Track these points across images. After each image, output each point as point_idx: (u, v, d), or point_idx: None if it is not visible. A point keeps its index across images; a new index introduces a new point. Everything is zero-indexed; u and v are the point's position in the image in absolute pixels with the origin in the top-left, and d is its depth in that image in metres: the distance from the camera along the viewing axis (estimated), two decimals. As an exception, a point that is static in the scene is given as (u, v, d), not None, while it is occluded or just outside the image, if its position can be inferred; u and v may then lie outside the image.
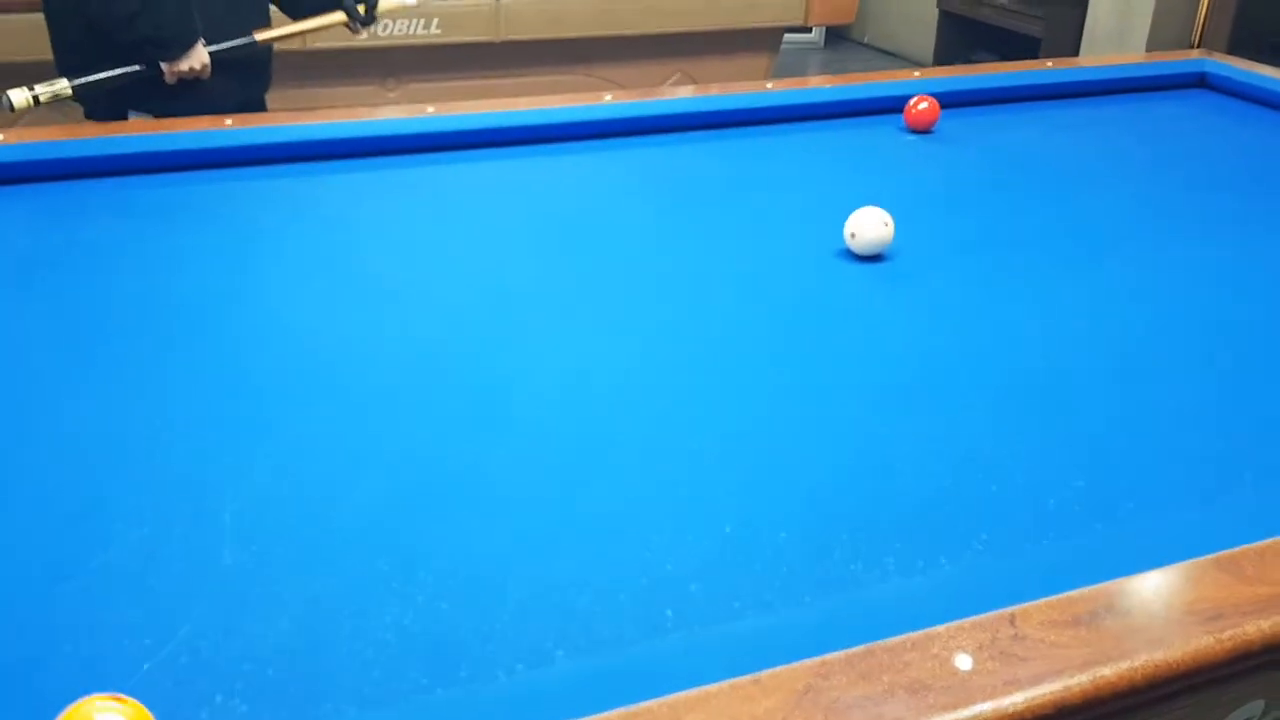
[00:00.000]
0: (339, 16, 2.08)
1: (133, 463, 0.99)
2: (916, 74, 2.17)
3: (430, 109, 1.87)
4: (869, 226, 1.40)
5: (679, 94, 2.03)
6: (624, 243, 1.51)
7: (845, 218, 1.43)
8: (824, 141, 1.91)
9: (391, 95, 3.11)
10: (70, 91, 1.84)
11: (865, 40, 6.76)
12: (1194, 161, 1.94)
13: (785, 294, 1.36)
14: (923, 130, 1.90)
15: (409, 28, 3.03)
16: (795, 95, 1.99)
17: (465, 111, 1.87)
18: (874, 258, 1.42)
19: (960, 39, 5.45)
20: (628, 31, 3.28)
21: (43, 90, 1.81)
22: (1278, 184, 1.83)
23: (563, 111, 1.89)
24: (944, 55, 5.50)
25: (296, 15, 2.11)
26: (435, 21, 3.06)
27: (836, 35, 6.66)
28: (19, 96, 1.79)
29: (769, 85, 2.08)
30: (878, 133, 1.95)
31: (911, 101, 1.91)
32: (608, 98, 1.97)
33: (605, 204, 1.65)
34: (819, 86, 2.05)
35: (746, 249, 1.49)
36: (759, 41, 3.51)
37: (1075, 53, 4.94)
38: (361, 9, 2.08)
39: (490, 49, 3.18)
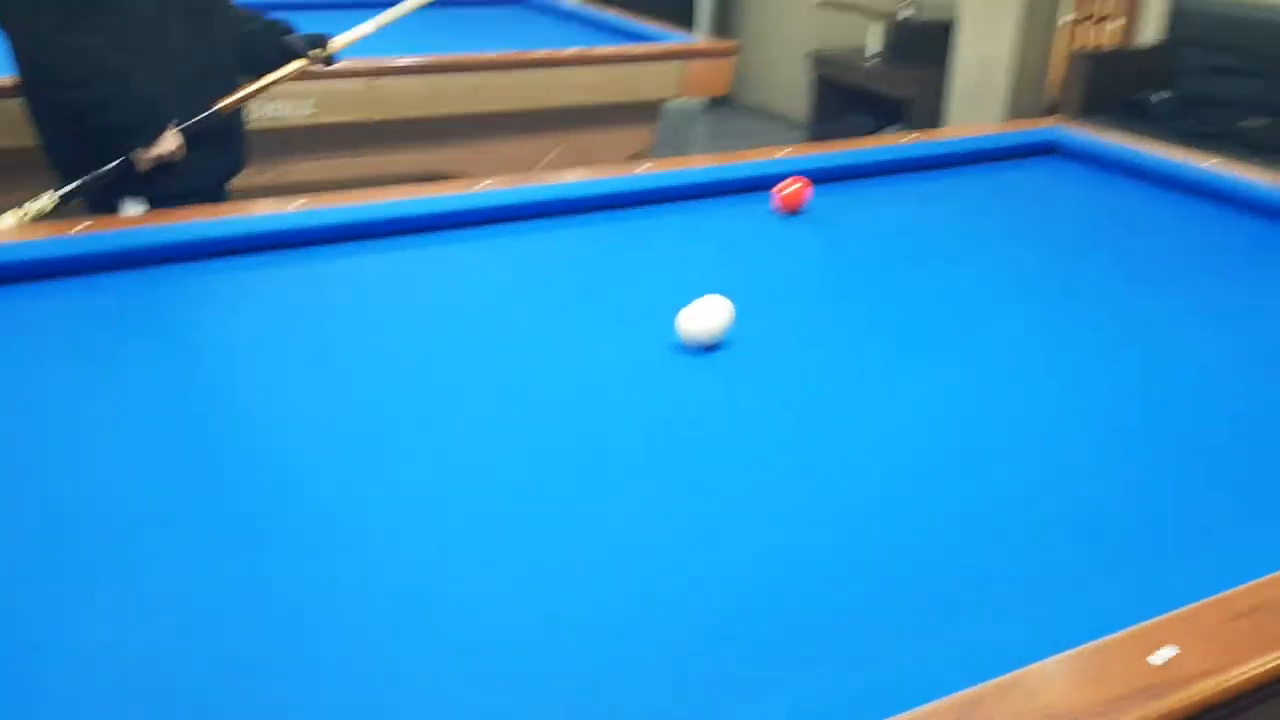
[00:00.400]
0: (298, 64, 2.13)
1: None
2: (784, 152, 2.23)
3: (297, 203, 1.84)
4: (691, 323, 1.41)
5: (551, 179, 2.04)
6: (488, 342, 1.49)
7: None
8: (695, 224, 1.94)
9: (265, 179, 3.06)
10: (57, 202, 1.90)
11: (745, 103, 6.93)
12: (1047, 230, 2.03)
13: (646, 392, 1.36)
14: (792, 212, 1.94)
15: (282, 109, 2.99)
16: (667, 178, 2.02)
17: (332, 205, 1.85)
18: (715, 346, 1.43)
19: (833, 101, 5.62)
20: (506, 107, 3.30)
21: (32, 207, 1.87)
22: (1126, 250, 1.92)
23: (431, 202, 1.89)
24: (819, 116, 5.67)
25: (260, 73, 2.16)
26: (310, 101, 3.03)
27: (717, 99, 6.79)
28: (9, 220, 1.85)
29: (643, 166, 2.11)
30: (749, 213, 1.99)
31: (780, 184, 1.95)
32: (486, 183, 1.97)
33: (473, 299, 1.64)
34: (690, 168, 2.09)
35: (607, 343, 1.48)
36: (639, 114, 3.56)
37: (940, 111, 5.13)
38: (319, 52, 2.15)
39: (367, 129, 3.16)
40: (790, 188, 1.94)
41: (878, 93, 5.33)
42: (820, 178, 2.15)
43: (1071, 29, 4.71)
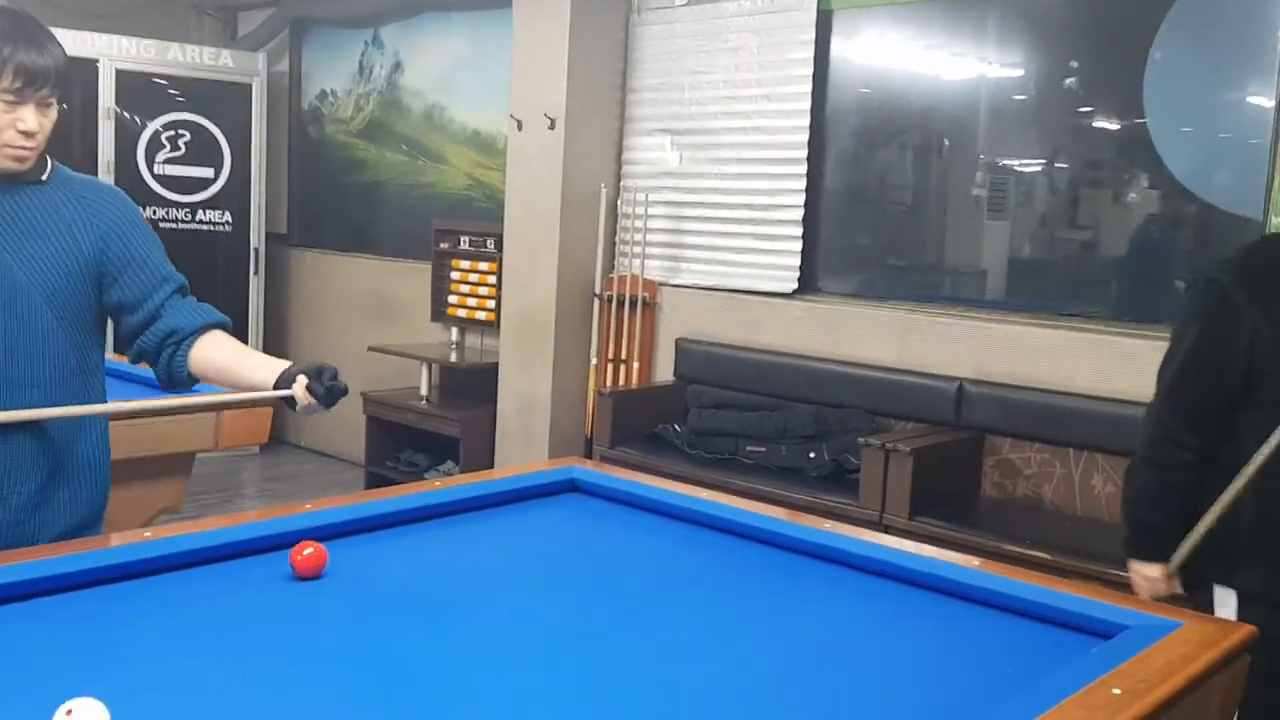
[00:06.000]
0: None
1: None
2: (308, 507, 2.21)
3: None
4: None
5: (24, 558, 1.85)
6: None
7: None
8: (197, 597, 1.82)
9: None
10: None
11: (303, 444, 6.87)
12: (568, 566, 2.14)
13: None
14: (312, 576, 1.90)
15: None
16: (162, 545, 1.91)
17: None
18: None
19: (388, 439, 5.73)
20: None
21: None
22: (637, 580, 2.06)
23: None
24: (374, 455, 5.73)
25: None
26: None
27: (274, 439, 6.69)
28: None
29: (148, 534, 1.99)
30: (263, 575, 1.92)
31: (295, 549, 1.91)
32: None
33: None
34: (195, 532, 1.99)
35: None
36: (167, 467, 3.40)
37: (491, 446, 5.38)
38: None
39: None
40: (306, 550, 1.90)
41: (431, 431, 5.51)
42: (349, 530, 2.15)
43: (600, 370, 5.22)
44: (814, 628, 1.85)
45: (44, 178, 2.04)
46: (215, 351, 2.10)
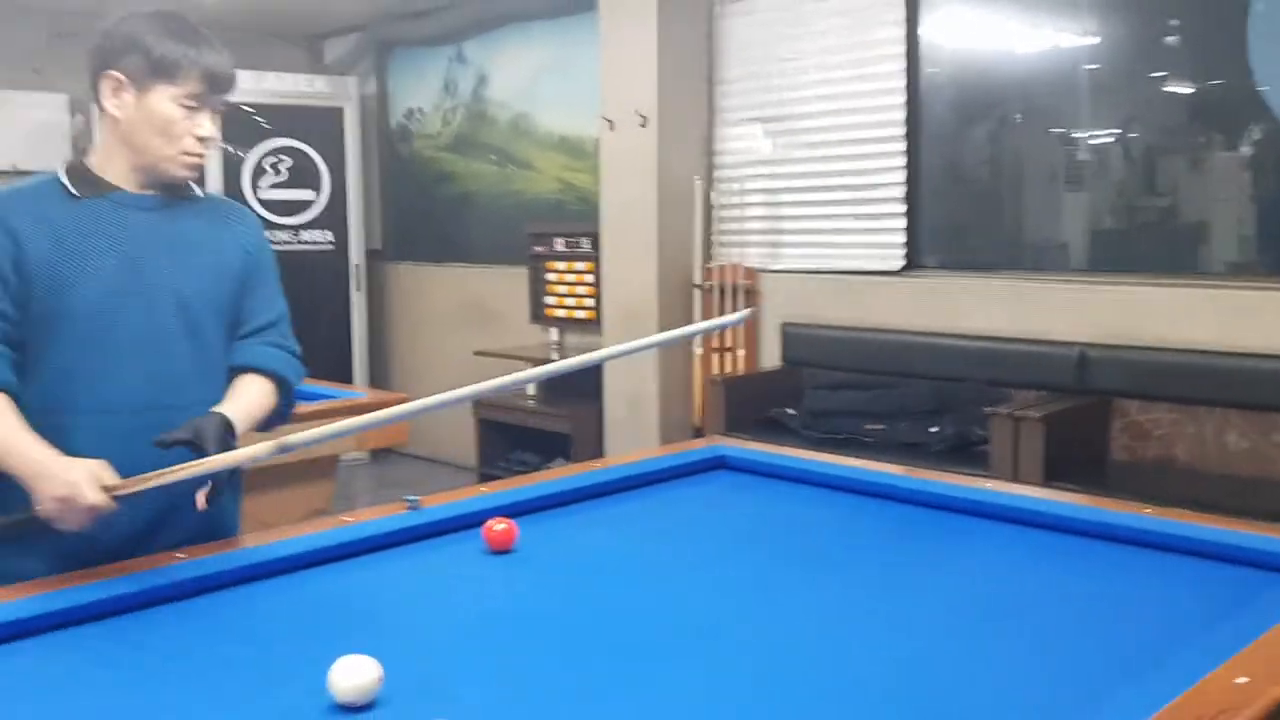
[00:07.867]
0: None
1: None
2: (484, 489, 2.30)
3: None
4: (342, 680, 1.37)
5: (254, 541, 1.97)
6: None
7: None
8: (401, 573, 1.93)
9: None
10: None
11: (410, 452, 7.02)
12: (739, 536, 2.20)
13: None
14: (503, 550, 1.99)
15: None
16: (363, 529, 2.02)
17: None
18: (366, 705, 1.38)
19: (499, 441, 5.85)
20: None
21: None
22: (808, 547, 2.12)
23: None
24: (486, 456, 5.85)
25: None
26: None
27: (382, 449, 6.85)
28: None
29: (348, 518, 2.10)
30: (458, 553, 2.02)
31: (489, 523, 2.00)
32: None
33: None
34: (386, 515, 2.10)
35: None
36: (315, 471, 3.54)
37: (600, 440, 5.47)
38: None
39: None
40: (499, 525, 1.99)
41: (540, 429, 5.62)
42: (524, 510, 2.24)
43: (705, 359, 5.28)
44: (990, 583, 1.88)
45: (198, 193, 2.03)
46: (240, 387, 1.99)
